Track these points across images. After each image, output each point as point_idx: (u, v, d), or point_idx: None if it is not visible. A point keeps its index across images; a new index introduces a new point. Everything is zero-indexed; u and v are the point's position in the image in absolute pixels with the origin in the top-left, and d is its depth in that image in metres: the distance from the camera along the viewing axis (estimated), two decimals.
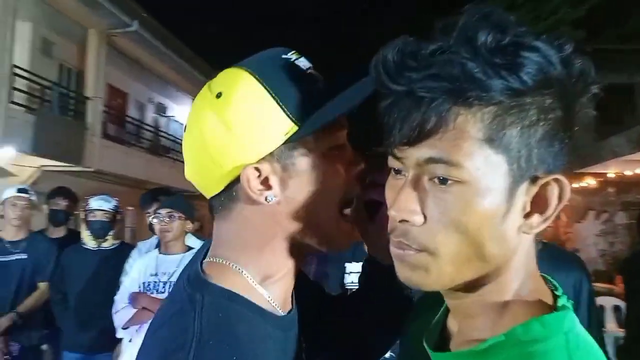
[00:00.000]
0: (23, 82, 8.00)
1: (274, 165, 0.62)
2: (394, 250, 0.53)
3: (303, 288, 0.75)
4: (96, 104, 9.54)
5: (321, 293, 0.87)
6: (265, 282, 0.64)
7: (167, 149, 12.80)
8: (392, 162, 0.52)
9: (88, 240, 3.18)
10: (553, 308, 0.52)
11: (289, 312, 0.67)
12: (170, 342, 0.55)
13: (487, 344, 0.50)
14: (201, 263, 0.65)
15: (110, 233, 3.22)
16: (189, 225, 2.68)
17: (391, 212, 0.51)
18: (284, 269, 0.65)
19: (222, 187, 0.63)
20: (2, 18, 7.34)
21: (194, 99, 0.66)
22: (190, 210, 2.71)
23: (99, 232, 3.16)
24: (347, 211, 0.67)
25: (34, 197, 3.25)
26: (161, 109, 13.44)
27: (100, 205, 3.18)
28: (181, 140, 0.67)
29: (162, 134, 13.02)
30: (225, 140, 0.61)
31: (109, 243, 3.21)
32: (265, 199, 0.61)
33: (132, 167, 10.21)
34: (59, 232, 3.59)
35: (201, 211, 3.06)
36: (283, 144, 0.61)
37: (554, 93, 0.48)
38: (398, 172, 0.53)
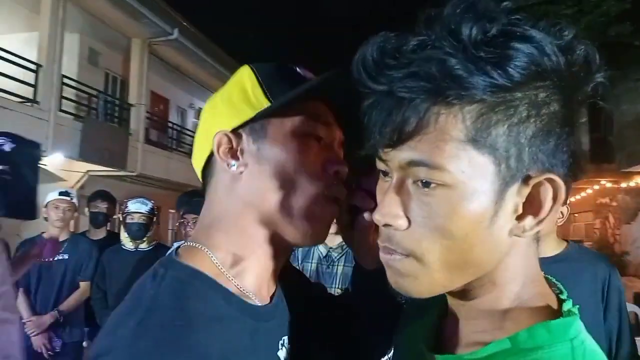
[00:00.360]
0: (71, 91, 8.39)
1: (245, 137, 0.65)
2: (382, 255, 0.51)
3: (300, 287, 0.75)
4: (139, 111, 9.89)
5: (320, 293, 0.86)
6: (235, 267, 0.63)
7: None
8: (378, 164, 0.51)
9: (126, 241, 3.28)
10: (558, 313, 0.49)
11: (268, 304, 0.65)
12: (125, 308, 0.56)
13: (489, 348, 0.48)
14: (178, 247, 0.66)
15: (148, 234, 3.29)
16: None
17: (375, 216, 0.49)
18: (253, 253, 0.65)
19: (205, 156, 0.67)
20: (51, 30, 7.73)
21: None
22: None
23: (137, 233, 3.24)
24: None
25: (75, 200, 3.38)
26: None
27: (137, 208, 3.26)
28: None
29: None
30: (213, 114, 0.68)
31: (146, 244, 3.29)
32: (229, 165, 0.64)
33: (174, 171, 10.49)
34: (99, 234, 3.71)
35: None
36: (254, 117, 0.63)
37: (550, 86, 0.44)
38: (385, 174, 0.51)
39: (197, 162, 0.69)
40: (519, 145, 0.44)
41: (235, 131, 0.64)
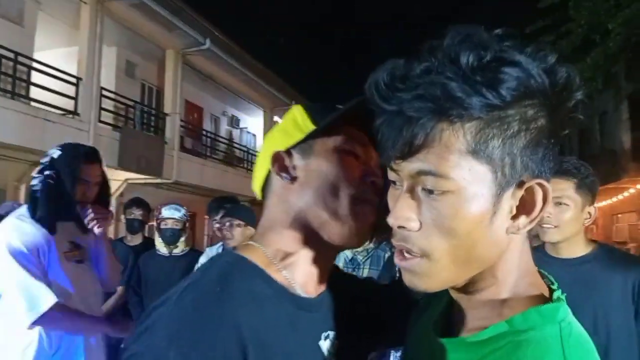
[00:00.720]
0: (109, 103, 8.70)
1: (295, 155, 0.75)
2: (397, 258, 0.57)
3: (347, 286, 0.80)
4: (174, 119, 10.15)
5: (362, 290, 0.90)
6: (284, 260, 0.72)
7: (241, 159, 13.27)
8: (390, 174, 0.57)
9: (161, 246, 3.38)
10: (549, 300, 0.56)
11: (313, 297, 0.73)
12: (184, 279, 0.68)
13: (489, 331, 0.54)
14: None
15: (181, 240, 3.38)
16: (250, 231, 2.79)
17: (389, 220, 0.56)
18: (300, 251, 0.73)
19: (264, 174, 0.78)
20: (90, 45, 8.04)
21: (264, 110, 0.81)
22: (251, 217, 2.81)
23: (170, 239, 3.34)
24: (359, 208, 0.72)
25: (111, 207, 3.50)
26: (234, 122, 13.98)
27: (171, 214, 3.37)
28: (254, 150, 0.84)
29: (236, 145, 13.51)
30: (270, 142, 0.79)
31: (179, 249, 3.38)
32: (283, 178, 0.75)
33: (208, 177, 10.71)
34: (136, 240, 3.82)
35: None
36: (303, 138, 0.74)
37: (537, 104, 0.51)
38: (395, 183, 0.58)
39: (257, 181, 0.80)
40: (513, 155, 0.51)
41: (288, 151, 0.75)
